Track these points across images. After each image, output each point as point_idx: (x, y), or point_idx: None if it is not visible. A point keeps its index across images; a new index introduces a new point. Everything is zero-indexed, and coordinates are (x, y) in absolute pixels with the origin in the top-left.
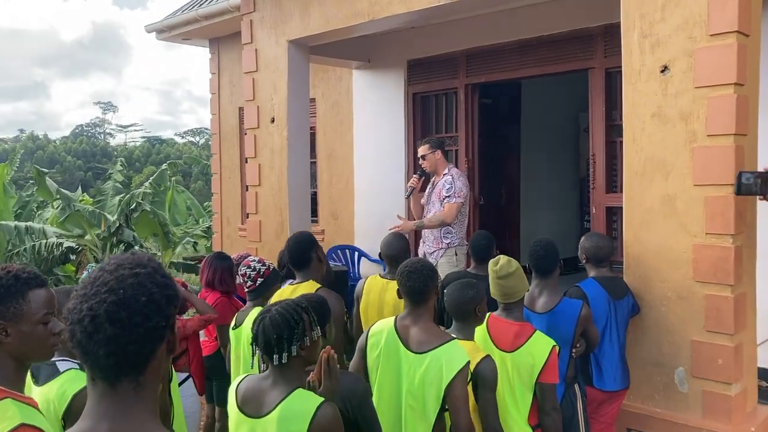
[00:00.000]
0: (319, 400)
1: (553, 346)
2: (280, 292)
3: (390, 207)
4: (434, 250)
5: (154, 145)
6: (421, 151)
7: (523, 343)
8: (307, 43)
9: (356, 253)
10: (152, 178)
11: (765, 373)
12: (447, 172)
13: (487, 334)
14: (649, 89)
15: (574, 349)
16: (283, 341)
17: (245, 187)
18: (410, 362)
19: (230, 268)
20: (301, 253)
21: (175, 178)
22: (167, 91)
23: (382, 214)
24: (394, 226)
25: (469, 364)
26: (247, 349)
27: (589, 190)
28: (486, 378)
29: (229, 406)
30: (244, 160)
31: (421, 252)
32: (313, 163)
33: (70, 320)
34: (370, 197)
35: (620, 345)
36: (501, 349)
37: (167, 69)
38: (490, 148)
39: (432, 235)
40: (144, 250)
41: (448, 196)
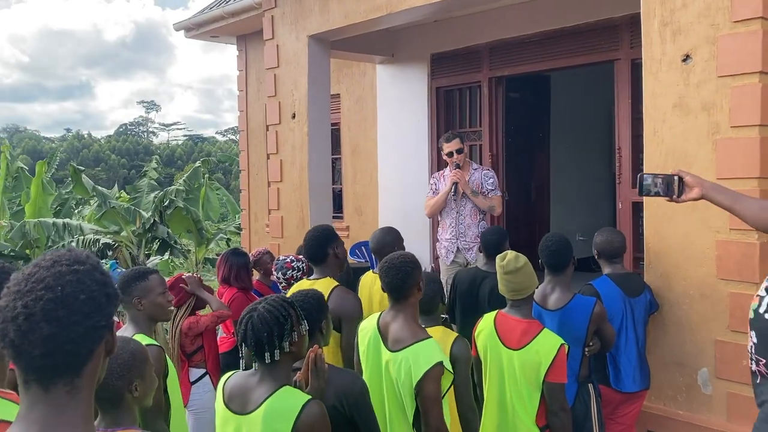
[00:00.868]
0: (306, 398)
1: (561, 345)
2: (297, 287)
3: (414, 202)
4: (474, 246)
5: (196, 143)
6: (455, 145)
7: (530, 341)
8: (328, 38)
9: None
10: (186, 176)
11: None
12: (478, 168)
13: (494, 331)
14: (671, 79)
15: (587, 348)
16: (274, 338)
17: (269, 184)
18: (388, 360)
19: (246, 265)
20: (318, 248)
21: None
22: (209, 90)
23: (406, 210)
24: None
25: (440, 364)
26: None
27: (617, 186)
28: (459, 358)
29: (216, 403)
30: (268, 157)
31: (447, 248)
32: (338, 158)
33: (1, 318)
34: (394, 193)
35: (639, 344)
36: (508, 347)
37: (208, 68)
38: (517, 143)
39: (471, 232)
40: (179, 247)
41: (494, 190)
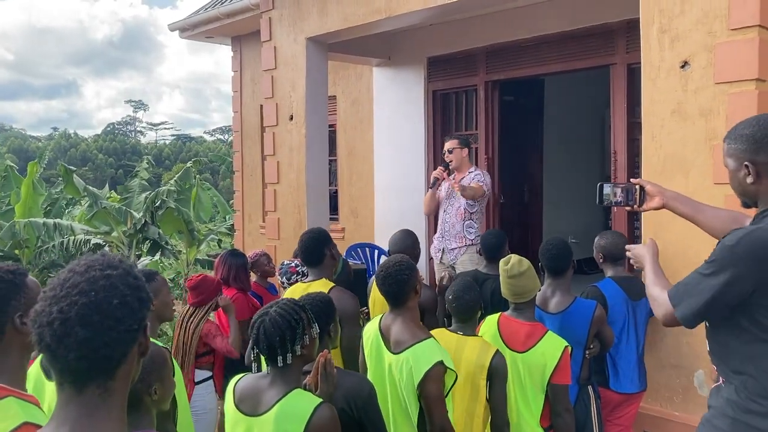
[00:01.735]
0: (317, 401)
1: (566, 347)
2: (293, 290)
3: (410, 204)
4: (456, 247)
5: (184, 143)
6: (450, 145)
7: (535, 344)
8: (326, 41)
9: (376, 251)
10: (177, 176)
11: None
12: (473, 170)
13: (498, 334)
14: (669, 85)
15: (588, 351)
16: (286, 342)
17: (265, 185)
18: (391, 362)
19: (245, 266)
20: (314, 249)
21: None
22: (197, 89)
23: (402, 212)
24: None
25: (441, 363)
26: None
27: None
28: (498, 373)
29: (226, 404)
30: (264, 158)
31: (436, 247)
32: (334, 160)
33: (38, 323)
34: (390, 195)
35: (638, 347)
36: (512, 350)
37: (196, 67)
38: (511, 146)
39: (454, 231)
40: (170, 247)
41: (478, 181)
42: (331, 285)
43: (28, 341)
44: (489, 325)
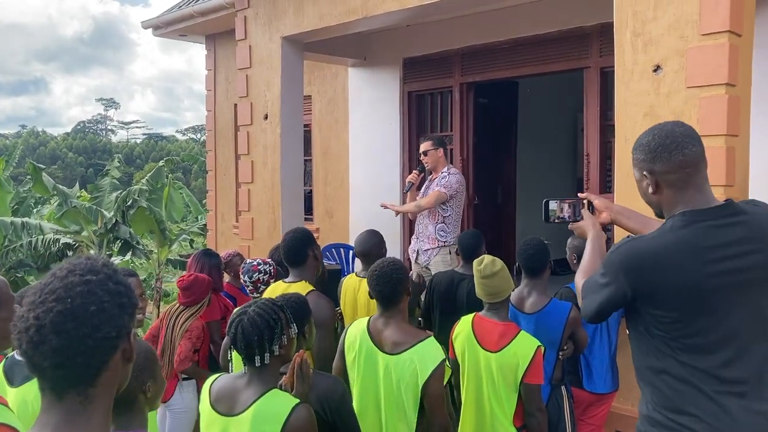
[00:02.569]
0: (295, 401)
1: (538, 347)
2: (272, 289)
3: None
4: (429, 248)
5: (156, 142)
6: (424, 147)
7: (508, 343)
8: (302, 40)
9: (351, 252)
10: (149, 175)
11: None
12: (445, 171)
13: (472, 334)
14: (642, 88)
15: (561, 352)
16: (264, 341)
17: (239, 184)
18: (387, 364)
19: (218, 266)
20: (298, 249)
21: (174, 176)
22: (168, 88)
23: (377, 213)
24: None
25: (444, 361)
26: None
27: (584, 191)
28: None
29: (201, 404)
30: (238, 157)
31: (413, 249)
32: (309, 160)
33: (17, 329)
34: (366, 195)
35: (611, 347)
36: (486, 349)
37: (168, 66)
38: (486, 148)
39: (427, 233)
40: (141, 247)
41: (438, 187)
42: (310, 288)
43: None
44: (464, 325)
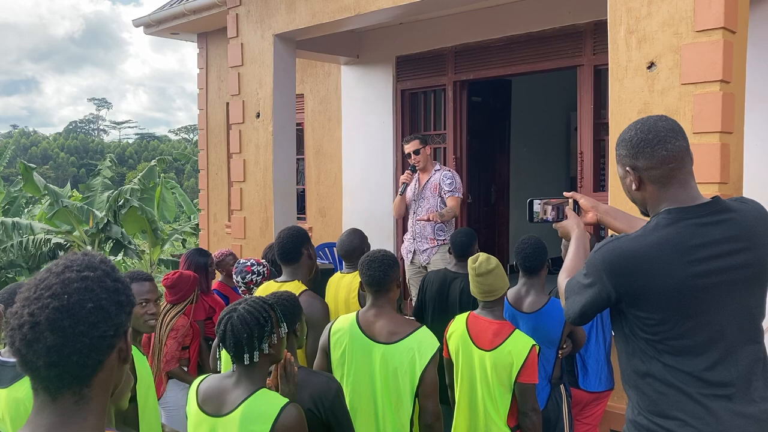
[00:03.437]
0: (284, 401)
1: (533, 346)
2: (264, 288)
3: (378, 204)
4: (428, 247)
5: (148, 142)
6: (413, 146)
7: (502, 342)
8: (294, 38)
9: None
10: (141, 175)
11: None
12: (440, 169)
13: (466, 332)
14: (636, 86)
15: (561, 351)
16: (254, 339)
17: (231, 184)
18: (382, 354)
19: (206, 265)
20: (292, 248)
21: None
22: (160, 88)
23: (371, 212)
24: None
25: (440, 348)
26: None
27: (578, 189)
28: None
29: (189, 405)
30: (230, 156)
31: (407, 249)
32: (301, 159)
33: (10, 326)
34: (359, 194)
35: (606, 346)
36: (480, 348)
37: (160, 65)
38: (479, 146)
39: (425, 233)
40: (133, 247)
41: (451, 191)
42: (303, 288)
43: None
44: (458, 324)
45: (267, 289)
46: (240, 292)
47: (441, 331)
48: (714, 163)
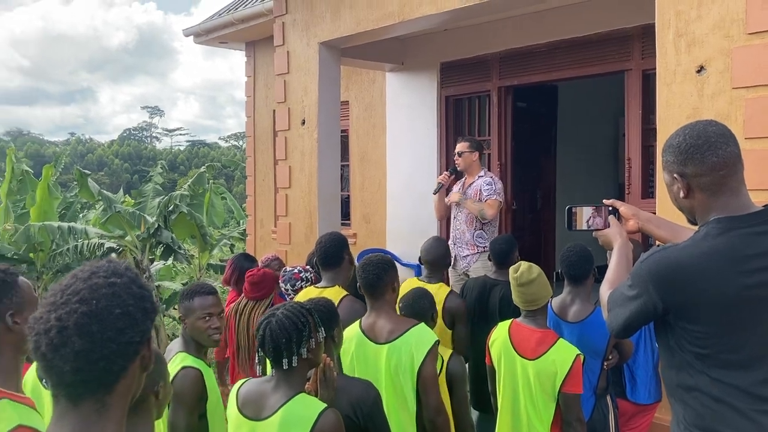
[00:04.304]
0: (322, 406)
1: (577, 355)
2: (304, 294)
3: (422, 210)
4: (468, 254)
5: (199, 149)
6: (460, 147)
7: (546, 351)
8: (339, 45)
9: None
10: (191, 181)
11: None
12: (483, 175)
13: (509, 341)
14: (685, 90)
15: (606, 362)
16: (292, 344)
17: (277, 190)
18: (384, 354)
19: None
20: (334, 252)
21: (216, 182)
22: (211, 96)
23: (414, 218)
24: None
25: (438, 343)
26: None
27: (625, 196)
28: (458, 374)
29: (229, 409)
30: (276, 162)
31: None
32: (346, 166)
33: (35, 330)
34: (403, 200)
35: (654, 357)
36: (523, 357)
37: (211, 74)
38: (524, 152)
39: (465, 239)
40: (182, 252)
41: (489, 194)
42: (344, 293)
43: (21, 342)
44: (500, 332)
45: (307, 294)
46: (288, 299)
47: (482, 338)
48: (766, 169)
